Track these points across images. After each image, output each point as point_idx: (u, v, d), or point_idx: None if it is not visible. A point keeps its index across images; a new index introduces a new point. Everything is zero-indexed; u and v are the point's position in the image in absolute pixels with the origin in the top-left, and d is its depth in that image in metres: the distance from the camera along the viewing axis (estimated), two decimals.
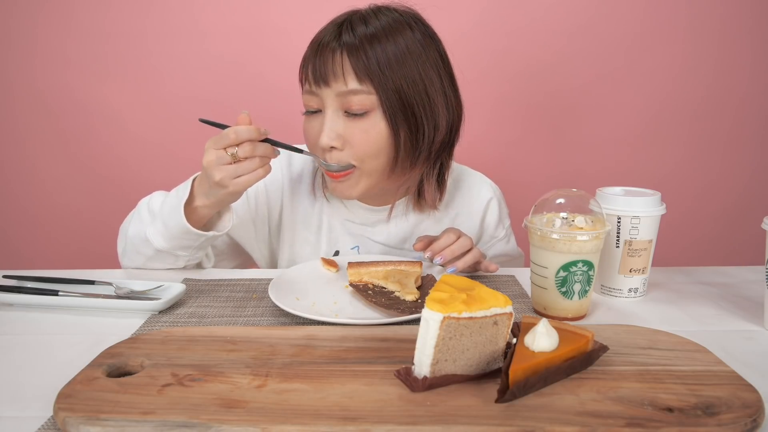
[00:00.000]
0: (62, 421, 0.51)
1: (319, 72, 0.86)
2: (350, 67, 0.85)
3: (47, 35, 1.50)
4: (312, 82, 0.88)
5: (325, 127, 0.88)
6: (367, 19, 0.88)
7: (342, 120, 0.88)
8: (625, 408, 0.53)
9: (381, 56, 0.85)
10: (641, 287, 0.86)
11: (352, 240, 1.05)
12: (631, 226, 0.83)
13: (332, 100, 0.87)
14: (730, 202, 1.64)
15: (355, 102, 0.86)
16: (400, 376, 0.57)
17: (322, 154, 0.90)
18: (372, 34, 0.86)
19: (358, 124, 0.88)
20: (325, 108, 0.88)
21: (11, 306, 0.82)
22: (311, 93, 0.89)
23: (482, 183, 1.11)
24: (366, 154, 0.89)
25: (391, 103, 0.87)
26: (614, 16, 1.52)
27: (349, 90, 0.86)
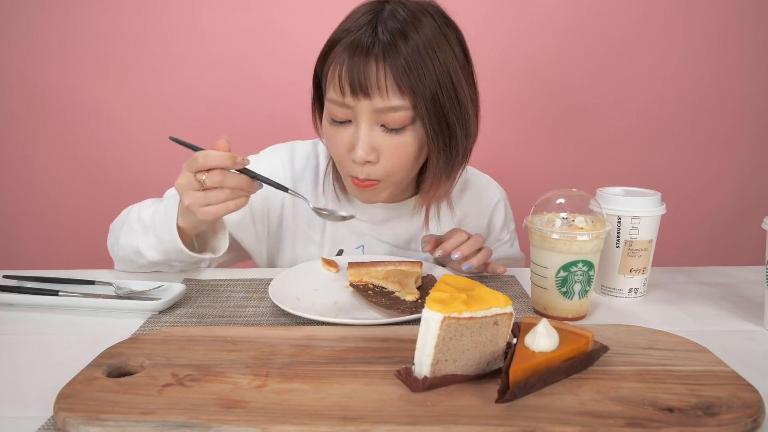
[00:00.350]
0: (62, 421, 0.51)
1: (359, 84, 0.78)
2: (393, 82, 0.78)
3: (47, 35, 1.50)
4: (348, 94, 0.80)
5: (360, 141, 0.82)
6: (404, 23, 0.79)
7: (378, 133, 0.83)
8: (625, 408, 0.53)
9: (424, 71, 0.79)
10: (641, 287, 0.86)
11: (357, 239, 1.04)
12: (632, 226, 0.83)
13: (369, 114, 0.81)
14: (730, 202, 1.64)
15: (392, 117, 0.81)
16: (400, 376, 0.57)
17: (352, 166, 0.86)
18: (415, 47, 0.78)
19: (393, 138, 0.83)
20: (359, 121, 0.82)
21: (11, 306, 0.82)
22: (343, 105, 0.82)
23: (490, 185, 1.11)
24: (397, 168, 0.86)
25: (430, 118, 0.81)
26: (615, 16, 1.52)
27: (390, 106, 0.80)
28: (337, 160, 0.90)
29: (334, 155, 0.90)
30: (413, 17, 0.80)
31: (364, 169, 0.85)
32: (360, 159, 0.83)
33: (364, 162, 0.84)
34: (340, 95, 0.81)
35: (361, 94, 0.79)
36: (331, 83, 0.82)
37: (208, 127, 1.56)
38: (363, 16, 0.82)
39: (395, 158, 0.84)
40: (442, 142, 0.84)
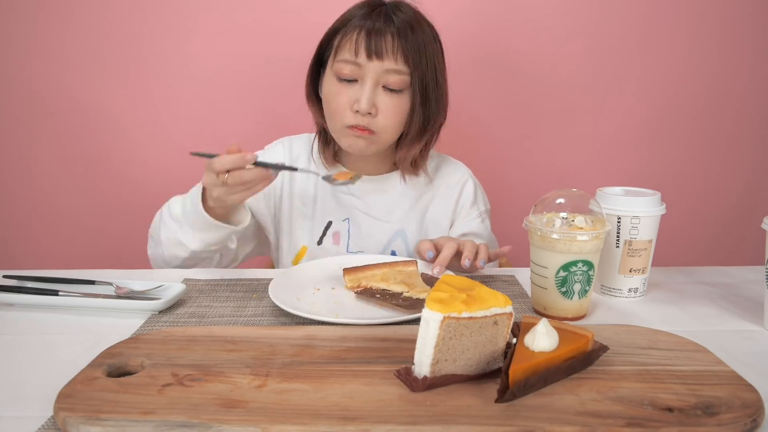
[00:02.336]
0: (62, 421, 0.51)
1: (374, 48, 0.97)
2: (400, 48, 0.98)
3: (47, 35, 1.50)
4: (363, 55, 0.97)
5: (366, 94, 0.99)
6: (409, 15, 1.01)
7: (380, 91, 1.00)
8: (625, 408, 0.53)
9: (420, 43, 0.99)
10: (641, 287, 0.86)
11: (343, 211, 1.14)
12: (631, 226, 0.83)
13: (376, 73, 0.98)
14: (730, 202, 1.64)
15: (395, 79, 0.99)
16: (400, 376, 0.57)
17: (353, 116, 1.00)
18: (410, 24, 0.99)
19: (392, 98, 1.01)
20: (366, 79, 0.99)
21: (11, 306, 0.82)
22: (355, 64, 0.99)
23: (460, 167, 1.23)
24: (390, 125, 1.03)
25: (420, 85, 1.01)
26: (616, 16, 1.51)
27: (396, 69, 0.98)
28: (336, 113, 1.03)
29: (333, 110, 1.03)
30: (416, 18, 1.02)
31: (365, 119, 1.00)
32: (364, 109, 0.99)
33: (366, 113, 0.99)
34: (354, 56, 0.98)
35: (375, 56, 0.97)
36: (346, 46, 0.99)
37: (208, 127, 1.56)
38: (368, 8, 1.01)
39: (391, 115, 1.02)
40: (423, 110, 1.04)
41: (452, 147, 1.26)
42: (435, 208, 1.17)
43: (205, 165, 0.87)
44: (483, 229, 1.18)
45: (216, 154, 0.86)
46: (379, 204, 1.15)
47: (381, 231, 1.14)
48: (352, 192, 1.14)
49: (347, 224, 1.14)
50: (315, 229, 1.14)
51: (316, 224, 1.14)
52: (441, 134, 1.27)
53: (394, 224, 1.14)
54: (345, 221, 1.14)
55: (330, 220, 1.14)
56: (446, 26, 1.34)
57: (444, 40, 1.07)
